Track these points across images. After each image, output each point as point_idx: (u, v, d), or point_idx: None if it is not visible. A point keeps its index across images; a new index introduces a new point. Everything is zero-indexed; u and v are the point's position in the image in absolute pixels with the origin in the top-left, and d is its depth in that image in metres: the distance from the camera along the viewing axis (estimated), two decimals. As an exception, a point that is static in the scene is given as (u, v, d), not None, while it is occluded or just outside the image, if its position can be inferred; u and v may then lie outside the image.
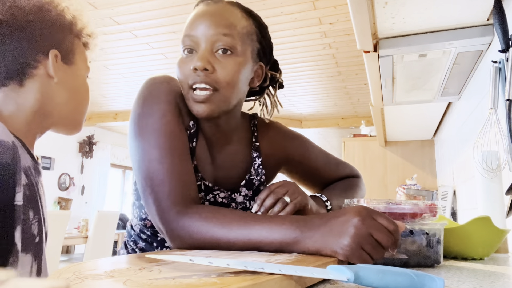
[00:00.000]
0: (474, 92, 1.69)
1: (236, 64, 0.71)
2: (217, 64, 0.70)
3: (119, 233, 4.98)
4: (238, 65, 0.72)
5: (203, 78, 0.69)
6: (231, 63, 0.71)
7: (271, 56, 0.85)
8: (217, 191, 0.80)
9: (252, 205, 0.74)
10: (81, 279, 0.32)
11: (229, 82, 0.71)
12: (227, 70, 0.70)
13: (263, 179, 0.86)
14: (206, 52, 0.70)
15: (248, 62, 0.75)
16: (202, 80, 0.69)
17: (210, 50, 0.70)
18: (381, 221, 0.52)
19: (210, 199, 0.79)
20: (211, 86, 0.70)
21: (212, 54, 0.70)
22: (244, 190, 0.84)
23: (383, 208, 0.61)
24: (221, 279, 0.33)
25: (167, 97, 0.72)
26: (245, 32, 0.74)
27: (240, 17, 0.75)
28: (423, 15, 1.23)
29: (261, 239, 0.57)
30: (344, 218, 0.53)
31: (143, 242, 0.82)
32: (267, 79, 0.86)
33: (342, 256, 0.51)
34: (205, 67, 0.68)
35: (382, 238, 0.51)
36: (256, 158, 0.86)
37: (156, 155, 0.66)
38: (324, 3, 2.59)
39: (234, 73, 0.71)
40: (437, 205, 0.63)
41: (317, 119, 5.50)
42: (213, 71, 0.70)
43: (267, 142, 0.89)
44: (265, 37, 0.81)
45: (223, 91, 0.71)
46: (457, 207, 2.39)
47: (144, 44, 3.28)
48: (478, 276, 0.52)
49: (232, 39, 0.71)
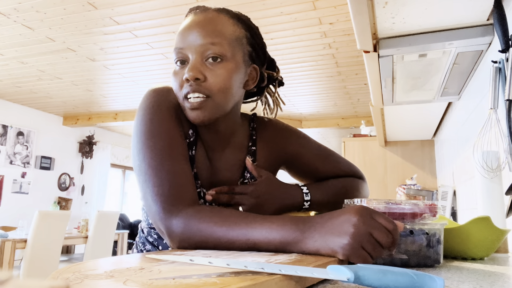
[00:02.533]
0: (474, 92, 1.69)
1: (226, 70, 0.73)
2: (207, 72, 0.72)
3: (119, 233, 4.98)
4: (229, 71, 0.74)
5: (195, 87, 0.72)
6: (222, 70, 0.73)
7: (265, 56, 0.86)
8: None
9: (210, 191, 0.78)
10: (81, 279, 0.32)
11: (221, 88, 0.73)
12: (218, 78, 0.73)
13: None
14: (197, 63, 0.72)
15: (240, 66, 0.77)
16: (195, 89, 0.72)
17: (200, 60, 0.73)
18: (380, 221, 0.53)
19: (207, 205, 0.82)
20: (204, 94, 0.72)
21: (202, 64, 0.73)
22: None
23: (383, 208, 0.61)
24: (221, 279, 0.33)
25: (167, 107, 0.75)
26: (234, 38, 0.76)
27: (227, 23, 0.76)
28: (423, 15, 1.23)
29: (261, 238, 0.58)
30: (343, 218, 0.54)
31: (149, 245, 0.84)
32: (264, 79, 0.87)
33: (342, 255, 0.51)
34: (196, 77, 0.71)
35: (381, 238, 0.52)
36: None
37: (156, 160, 0.69)
38: (324, 3, 2.59)
39: (226, 79, 0.73)
40: (437, 205, 0.63)
41: (317, 119, 5.50)
42: (205, 80, 0.72)
43: (266, 144, 0.90)
44: (256, 39, 0.82)
45: (216, 98, 0.73)
46: (457, 207, 2.39)
47: (144, 44, 3.28)
48: (478, 276, 0.52)
49: (220, 47, 0.73)
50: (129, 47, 3.36)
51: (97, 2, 2.67)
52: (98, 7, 2.73)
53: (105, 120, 5.62)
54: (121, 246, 5.02)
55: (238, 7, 2.58)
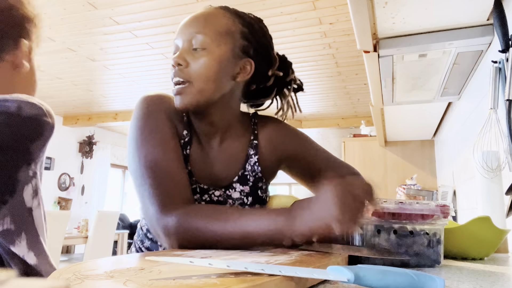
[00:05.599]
0: (474, 92, 1.69)
1: (210, 59, 0.77)
2: (191, 59, 0.77)
3: (119, 233, 4.98)
4: (213, 60, 0.78)
5: (177, 72, 0.77)
6: (204, 59, 0.77)
7: (268, 54, 0.87)
8: (212, 190, 0.84)
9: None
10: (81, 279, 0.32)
11: (201, 74, 0.77)
12: (199, 64, 0.77)
13: (258, 176, 0.87)
14: (183, 50, 0.78)
15: (226, 58, 0.80)
16: (176, 74, 0.77)
17: (187, 48, 0.78)
18: (354, 182, 0.59)
19: (206, 199, 0.83)
20: (184, 79, 0.77)
21: (188, 52, 0.78)
22: (239, 186, 0.86)
23: (394, 208, 0.61)
24: (221, 280, 0.33)
25: (160, 110, 0.80)
26: (223, 30, 0.80)
27: (221, 16, 0.81)
28: (423, 15, 1.23)
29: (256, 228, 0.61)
30: (324, 195, 0.58)
31: (149, 241, 0.87)
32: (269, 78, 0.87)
33: (337, 225, 0.54)
34: (179, 62, 0.77)
35: (360, 194, 0.57)
36: (253, 156, 0.88)
37: (150, 161, 0.72)
38: (324, 3, 2.59)
39: (207, 67, 0.77)
40: (449, 207, 0.62)
41: (317, 119, 5.50)
42: (187, 66, 0.77)
43: (267, 140, 0.90)
44: (255, 35, 0.85)
45: (196, 83, 0.77)
46: (457, 207, 2.39)
47: (144, 44, 3.28)
48: (478, 276, 0.52)
49: (205, 36, 0.78)
50: (129, 47, 3.36)
51: (97, 2, 2.67)
52: (98, 7, 2.73)
53: (105, 120, 5.62)
54: (121, 246, 5.02)
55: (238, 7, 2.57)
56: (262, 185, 0.87)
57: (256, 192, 0.86)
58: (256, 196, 0.86)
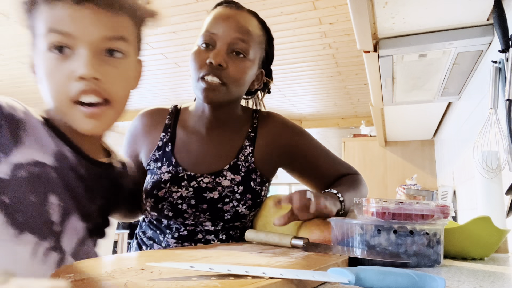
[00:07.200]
0: (474, 92, 1.69)
1: (245, 66, 0.84)
2: (230, 62, 0.82)
3: (119, 233, 4.98)
4: (247, 68, 0.84)
5: (216, 72, 0.80)
6: (242, 65, 0.83)
7: (270, 65, 0.97)
8: (200, 177, 0.86)
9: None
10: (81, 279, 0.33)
11: (237, 80, 0.83)
12: (238, 70, 0.82)
13: (252, 167, 0.88)
14: (223, 51, 0.81)
15: (255, 67, 0.88)
16: (215, 74, 0.80)
17: (226, 49, 0.82)
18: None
19: (194, 185, 0.85)
20: (221, 81, 0.81)
21: (228, 53, 0.82)
22: (230, 174, 0.87)
23: (394, 208, 0.61)
24: (222, 282, 0.33)
25: (130, 131, 1.04)
26: (258, 41, 0.87)
27: (256, 26, 0.87)
28: (423, 15, 1.23)
29: None
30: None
31: (151, 231, 0.90)
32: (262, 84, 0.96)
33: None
34: (220, 63, 0.80)
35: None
36: (247, 147, 0.90)
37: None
38: (324, 3, 2.59)
39: (243, 73, 0.83)
40: (449, 207, 0.62)
41: (317, 119, 5.50)
42: (226, 68, 0.81)
43: (267, 135, 0.93)
44: (271, 48, 0.94)
45: (230, 86, 0.82)
46: (457, 207, 2.39)
47: (144, 44, 3.28)
48: (478, 276, 0.52)
49: (246, 45, 0.83)
50: (129, 47, 3.36)
51: (97, 2, 2.67)
52: (98, 7, 2.73)
53: (105, 120, 5.61)
54: (121, 246, 5.02)
55: (238, 7, 2.58)
56: (256, 177, 0.88)
57: (249, 183, 0.87)
58: (248, 186, 0.86)
